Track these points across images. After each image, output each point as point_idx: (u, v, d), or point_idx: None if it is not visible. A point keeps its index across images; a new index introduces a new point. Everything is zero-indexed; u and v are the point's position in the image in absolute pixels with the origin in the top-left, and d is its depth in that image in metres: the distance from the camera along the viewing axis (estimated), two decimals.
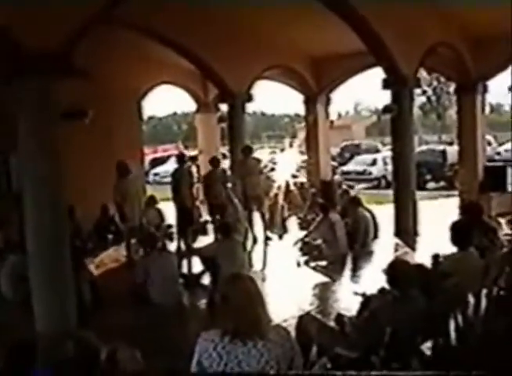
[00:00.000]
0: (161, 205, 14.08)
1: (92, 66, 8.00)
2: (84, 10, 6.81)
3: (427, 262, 6.87)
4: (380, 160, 26.92)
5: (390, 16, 10.96)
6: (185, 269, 10.47)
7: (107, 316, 8.11)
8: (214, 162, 13.39)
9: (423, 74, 26.96)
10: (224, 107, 16.38)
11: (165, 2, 10.57)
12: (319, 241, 11.50)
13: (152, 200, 13.75)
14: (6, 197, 11.81)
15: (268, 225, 13.42)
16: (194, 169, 14.76)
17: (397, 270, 5.49)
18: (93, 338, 4.38)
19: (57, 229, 6.96)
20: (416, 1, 11.15)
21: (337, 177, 18.87)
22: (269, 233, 13.30)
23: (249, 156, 13.06)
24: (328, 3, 10.22)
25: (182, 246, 12.16)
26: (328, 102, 18.28)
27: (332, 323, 6.09)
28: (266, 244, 12.70)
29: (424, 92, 45.91)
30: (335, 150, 30.71)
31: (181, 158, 12.88)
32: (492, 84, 15.67)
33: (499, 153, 30.57)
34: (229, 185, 13.15)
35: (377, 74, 12.93)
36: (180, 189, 12.13)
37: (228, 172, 13.95)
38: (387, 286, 5.57)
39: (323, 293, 9.48)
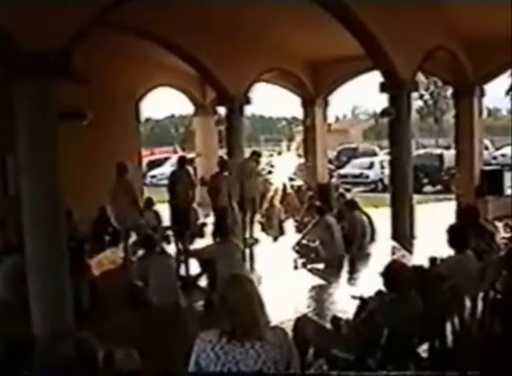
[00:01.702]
0: (158, 207, 14.10)
1: (90, 68, 8.02)
2: (84, 12, 6.82)
3: (424, 265, 6.91)
4: (377, 163, 26.96)
5: (388, 20, 11.00)
6: (182, 271, 10.49)
7: (105, 317, 8.09)
8: (223, 165, 13.08)
9: (420, 77, 27.08)
10: (222, 110, 16.40)
11: (164, 5, 10.61)
12: (316, 243, 11.52)
13: (149, 202, 13.75)
14: (2, 198, 11.77)
15: (264, 228, 13.43)
16: (191, 172, 14.75)
17: (394, 272, 5.50)
18: (91, 339, 4.38)
19: (55, 230, 6.95)
20: (415, 5, 11.16)
21: (334, 180, 18.93)
22: (265, 235, 13.30)
23: (259, 161, 13.14)
24: (326, 6, 10.26)
25: (180, 247, 12.17)
26: (326, 105, 18.32)
27: (329, 326, 6.10)
28: (246, 245, 12.72)
29: (422, 96, 46.21)
30: (332, 153, 30.73)
31: (181, 161, 12.86)
32: (489, 88, 15.72)
33: (495, 158, 30.59)
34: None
35: (375, 77, 13.01)
36: (175, 191, 12.13)
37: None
38: (384, 288, 5.59)
39: (320, 295, 9.50)
